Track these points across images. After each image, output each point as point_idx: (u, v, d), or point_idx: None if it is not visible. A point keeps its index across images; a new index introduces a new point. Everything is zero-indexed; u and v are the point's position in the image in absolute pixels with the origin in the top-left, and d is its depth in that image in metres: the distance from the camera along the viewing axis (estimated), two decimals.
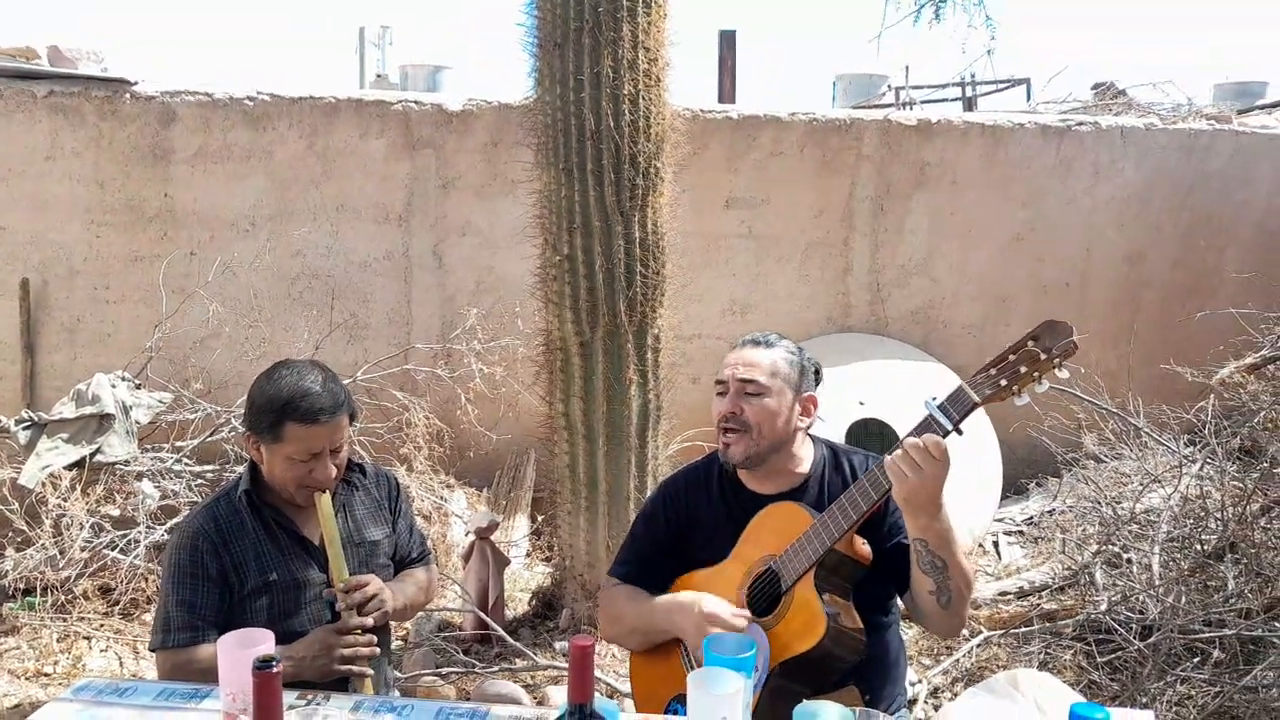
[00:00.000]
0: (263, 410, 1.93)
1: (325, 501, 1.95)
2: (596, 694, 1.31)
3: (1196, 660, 3.08)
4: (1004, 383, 1.66)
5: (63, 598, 3.66)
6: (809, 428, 2.06)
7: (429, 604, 2.48)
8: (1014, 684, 1.75)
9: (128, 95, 4.49)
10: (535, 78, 3.48)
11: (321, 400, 1.92)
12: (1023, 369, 1.64)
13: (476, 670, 3.31)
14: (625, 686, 2.98)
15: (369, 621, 1.92)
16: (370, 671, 1.93)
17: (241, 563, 1.95)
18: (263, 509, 2.00)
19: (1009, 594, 3.95)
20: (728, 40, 7.70)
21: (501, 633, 3.43)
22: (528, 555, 4.43)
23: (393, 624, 2.36)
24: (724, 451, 2.00)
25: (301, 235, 4.70)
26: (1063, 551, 4.10)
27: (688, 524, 2.08)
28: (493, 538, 3.71)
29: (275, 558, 1.98)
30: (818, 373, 2.08)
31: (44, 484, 3.73)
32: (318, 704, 1.68)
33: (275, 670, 1.16)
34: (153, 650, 1.94)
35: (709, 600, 1.87)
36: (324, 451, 1.94)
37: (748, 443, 1.97)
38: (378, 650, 1.95)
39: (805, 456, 2.04)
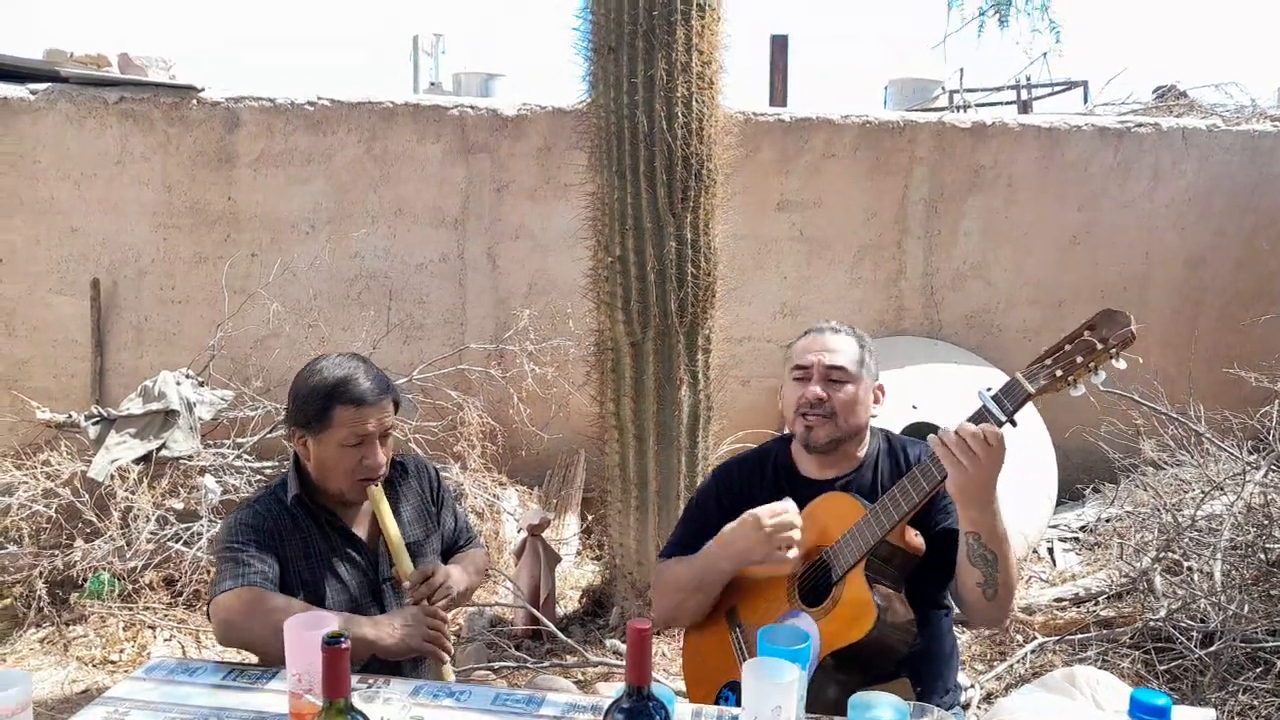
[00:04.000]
0: (309, 399, 1.95)
1: (378, 494, 1.97)
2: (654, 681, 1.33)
3: (1259, 670, 3.01)
4: (1059, 373, 1.62)
5: (129, 587, 3.78)
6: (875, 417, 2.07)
7: (481, 585, 2.49)
8: (1071, 680, 1.74)
9: (194, 101, 4.63)
10: (589, 82, 3.52)
11: (366, 383, 1.95)
12: (1079, 359, 1.60)
13: (528, 665, 3.35)
14: (677, 685, 2.99)
15: (442, 608, 1.95)
16: (450, 655, 1.94)
17: (288, 556, 1.95)
18: (316, 510, 2.01)
19: (1064, 601, 3.89)
20: (779, 45, 7.70)
21: (553, 628, 3.47)
22: (578, 554, 4.46)
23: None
24: (806, 434, 1.98)
25: (360, 237, 4.80)
26: (1120, 558, 4.03)
27: (741, 509, 2.08)
28: (544, 535, 3.75)
29: (328, 557, 1.99)
30: None
31: (112, 477, 3.85)
32: (379, 687, 1.72)
33: (344, 646, 1.19)
34: (216, 595, 1.86)
35: (758, 510, 1.87)
36: (373, 436, 1.95)
37: (831, 428, 1.96)
38: (450, 635, 1.97)
39: (864, 442, 2.06)
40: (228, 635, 1.84)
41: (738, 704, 1.52)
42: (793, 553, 1.85)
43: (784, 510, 1.87)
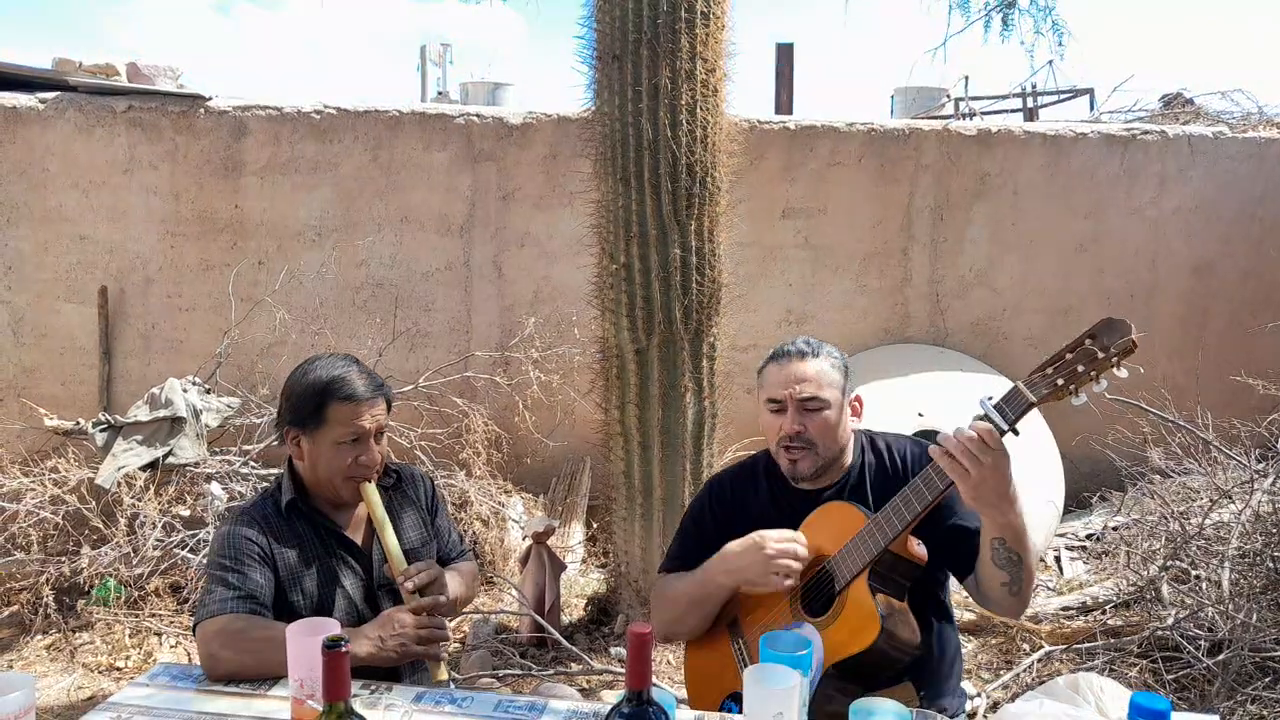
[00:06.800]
0: (304, 398, 1.96)
1: (371, 490, 1.97)
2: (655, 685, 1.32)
3: (1268, 679, 2.99)
4: (1061, 382, 1.59)
5: (135, 594, 3.79)
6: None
7: (474, 598, 2.47)
8: (1074, 688, 1.73)
9: (202, 110, 4.65)
10: (594, 90, 3.53)
11: (359, 380, 1.97)
12: (1080, 368, 1.58)
13: (533, 673, 3.35)
14: (680, 693, 2.98)
15: (432, 604, 1.91)
16: (445, 655, 1.93)
17: (284, 563, 1.94)
18: (311, 514, 2.00)
19: (1071, 609, 3.88)
20: (785, 53, 7.72)
21: (558, 636, 3.46)
22: (583, 561, 4.46)
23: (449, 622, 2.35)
24: (792, 468, 1.99)
25: (366, 245, 4.81)
26: (1128, 566, 4.01)
27: (736, 521, 2.07)
28: (549, 543, 3.75)
29: (325, 562, 1.97)
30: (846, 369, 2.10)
31: (119, 484, 3.86)
32: (381, 694, 1.72)
33: (344, 650, 1.19)
34: (202, 620, 1.82)
35: (768, 532, 1.88)
36: (368, 433, 1.96)
37: (814, 457, 1.98)
38: (449, 635, 1.95)
39: (848, 451, 2.07)
40: (214, 668, 1.76)
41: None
42: (789, 582, 1.85)
43: (792, 539, 1.87)
